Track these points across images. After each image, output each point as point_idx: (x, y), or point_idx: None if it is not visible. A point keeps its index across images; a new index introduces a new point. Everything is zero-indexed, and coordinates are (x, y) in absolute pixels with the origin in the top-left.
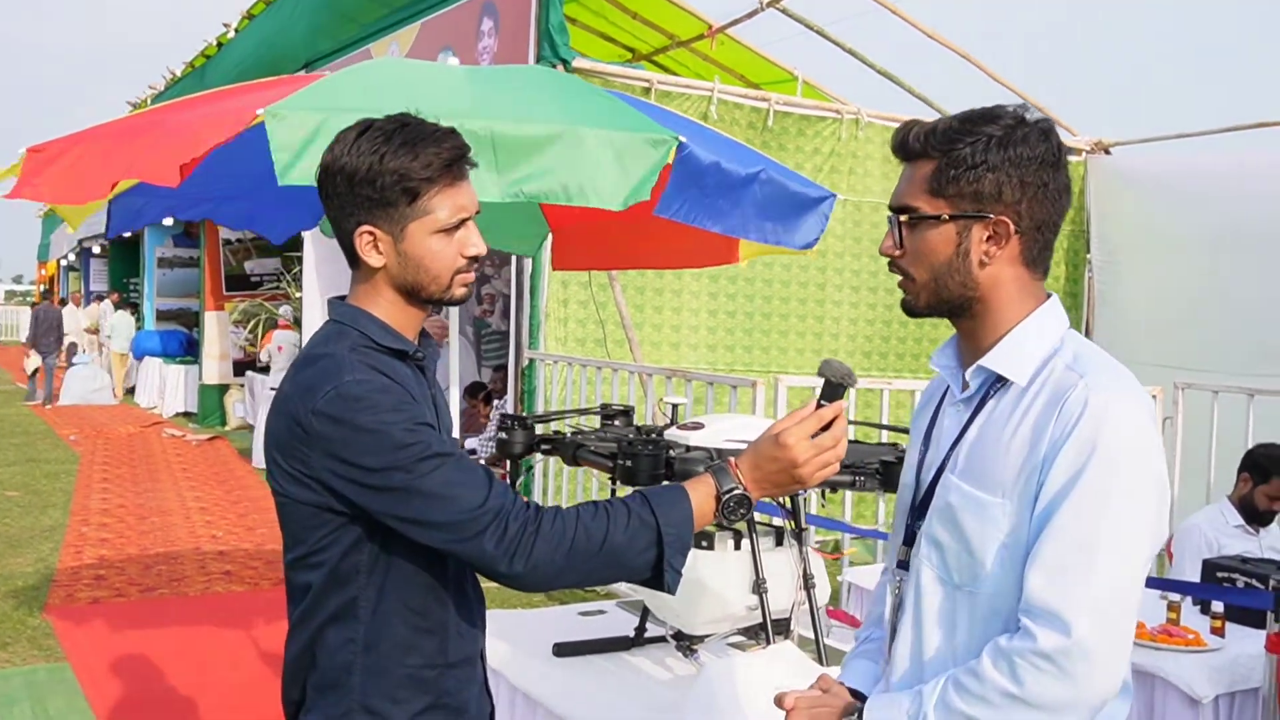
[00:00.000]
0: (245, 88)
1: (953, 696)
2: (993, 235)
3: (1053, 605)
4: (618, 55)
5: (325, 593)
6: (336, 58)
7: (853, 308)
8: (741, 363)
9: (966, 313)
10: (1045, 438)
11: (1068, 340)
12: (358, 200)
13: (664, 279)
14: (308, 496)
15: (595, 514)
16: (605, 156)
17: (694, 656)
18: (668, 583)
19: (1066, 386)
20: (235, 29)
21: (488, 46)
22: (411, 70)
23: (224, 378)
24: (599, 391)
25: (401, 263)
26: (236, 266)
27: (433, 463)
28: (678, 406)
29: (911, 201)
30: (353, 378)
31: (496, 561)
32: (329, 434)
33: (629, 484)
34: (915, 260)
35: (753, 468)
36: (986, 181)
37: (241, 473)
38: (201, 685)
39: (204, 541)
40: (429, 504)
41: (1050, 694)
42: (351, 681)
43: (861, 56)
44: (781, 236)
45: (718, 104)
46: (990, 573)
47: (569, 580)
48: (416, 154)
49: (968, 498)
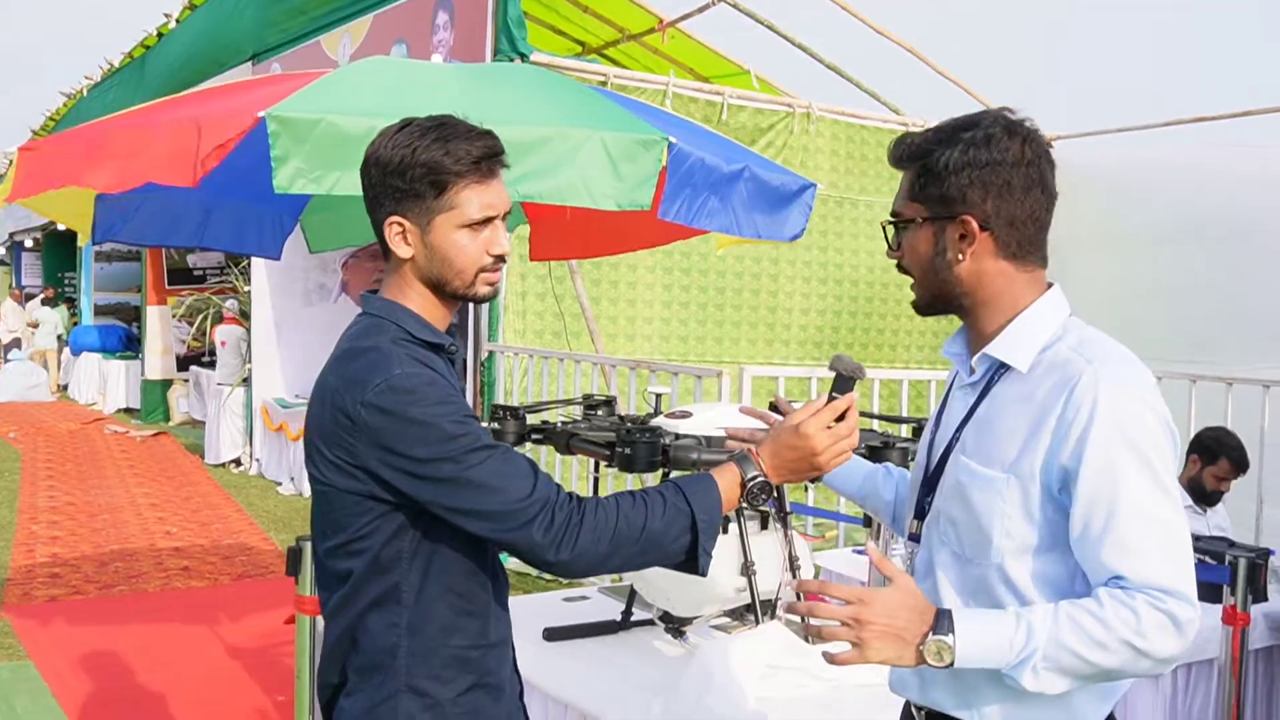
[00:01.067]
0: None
1: (1069, 637)
2: (963, 234)
3: (1159, 580)
4: (567, 49)
5: (367, 579)
6: (285, 50)
7: (804, 298)
8: (695, 352)
9: (961, 307)
10: (1052, 417)
11: (1070, 328)
12: (388, 190)
13: (619, 270)
14: (352, 485)
15: (634, 503)
16: (599, 157)
17: (683, 638)
18: (701, 566)
19: (1074, 372)
20: (177, 19)
21: (443, 40)
22: (405, 70)
23: (167, 373)
24: (560, 384)
25: (428, 255)
26: (179, 260)
27: (481, 454)
28: (661, 396)
29: (899, 208)
30: (401, 370)
31: (544, 550)
32: (379, 425)
33: (627, 471)
34: (909, 261)
35: (773, 455)
36: (951, 186)
37: (189, 468)
38: (169, 680)
39: (158, 538)
40: (478, 494)
41: (1168, 650)
42: (397, 664)
43: (811, 51)
44: (770, 230)
45: (672, 98)
46: (996, 545)
47: (610, 567)
48: (448, 148)
49: (975, 475)
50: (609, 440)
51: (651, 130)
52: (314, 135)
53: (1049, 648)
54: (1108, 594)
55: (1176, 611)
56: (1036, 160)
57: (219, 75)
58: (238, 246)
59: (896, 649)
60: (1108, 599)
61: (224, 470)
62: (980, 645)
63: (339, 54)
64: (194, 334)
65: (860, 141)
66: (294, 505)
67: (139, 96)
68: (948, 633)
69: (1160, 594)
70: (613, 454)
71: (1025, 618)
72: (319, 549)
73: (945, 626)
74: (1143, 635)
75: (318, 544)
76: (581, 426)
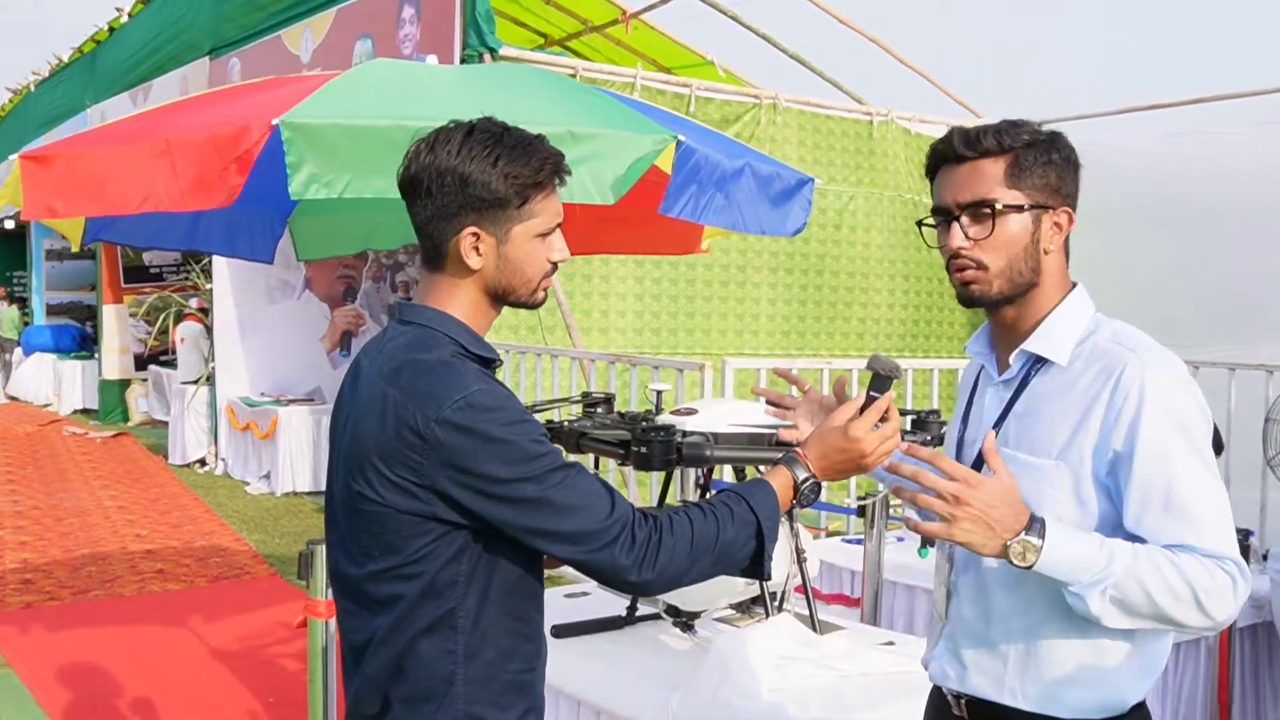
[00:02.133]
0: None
1: (1146, 574)
2: (1056, 224)
3: (1224, 551)
4: (529, 40)
5: (419, 604)
6: (244, 45)
7: (772, 289)
8: (668, 345)
9: (1022, 298)
10: (1100, 404)
11: (1101, 322)
12: (468, 201)
13: (592, 264)
14: (413, 506)
15: (705, 516)
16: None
17: (691, 632)
18: (766, 570)
19: (1118, 361)
20: (129, 13)
21: (409, 34)
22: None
23: (125, 372)
24: (538, 379)
25: (500, 265)
26: (135, 258)
27: (561, 474)
28: (662, 393)
29: (990, 194)
30: (480, 387)
31: (628, 571)
32: (455, 444)
33: (642, 469)
34: (993, 249)
35: (820, 457)
36: (1053, 175)
37: (154, 469)
38: (156, 684)
39: (129, 541)
40: (560, 515)
41: (1224, 614)
42: (454, 692)
43: (774, 41)
44: (774, 225)
45: (640, 90)
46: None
47: (687, 581)
48: (529, 158)
49: (1023, 465)
50: (621, 439)
51: (660, 129)
52: (327, 140)
53: (1123, 578)
54: (1181, 550)
55: (1239, 581)
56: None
57: (175, 70)
58: (229, 250)
59: (983, 536)
60: (1183, 555)
61: (189, 470)
62: (1064, 556)
63: (301, 49)
64: (155, 333)
65: (826, 131)
66: (264, 505)
67: (89, 93)
68: (1038, 536)
69: (1227, 561)
70: (627, 452)
71: (1108, 545)
72: (351, 572)
73: (1037, 530)
74: (1209, 594)
75: (353, 566)
76: (587, 425)
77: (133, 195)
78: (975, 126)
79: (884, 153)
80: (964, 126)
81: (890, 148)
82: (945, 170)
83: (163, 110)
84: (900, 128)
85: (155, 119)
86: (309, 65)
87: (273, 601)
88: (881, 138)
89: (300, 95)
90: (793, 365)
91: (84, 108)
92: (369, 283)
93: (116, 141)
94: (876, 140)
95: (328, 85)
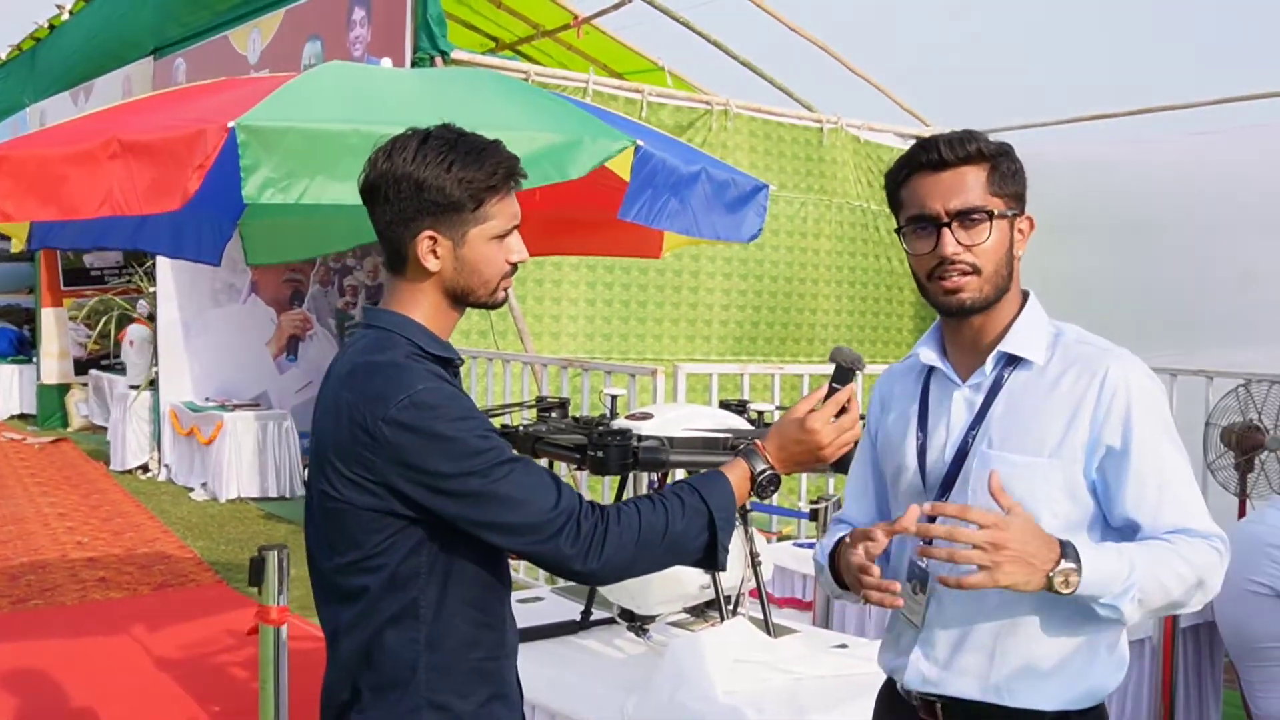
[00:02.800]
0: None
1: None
2: (1021, 230)
3: (1213, 530)
4: (480, 44)
5: (383, 596)
6: (189, 45)
7: (725, 294)
8: (619, 350)
9: (996, 303)
10: (1088, 404)
11: (1060, 325)
12: (424, 206)
13: (544, 268)
14: (370, 502)
15: (654, 507)
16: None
17: (646, 636)
18: (720, 561)
19: (1098, 363)
20: (70, 10)
21: (360, 36)
22: (368, 76)
23: (65, 377)
24: (489, 384)
25: (458, 267)
26: (75, 260)
27: (506, 467)
28: (616, 398)
29: (981, 202)
30: (424, 386)
31: (573, 560)
32: (402, 441)
33: (600, 474)
34: (985, 255)
35: (779, 449)
36: (1020, 183)
37: (95, 475)
38: (99, 695)
39: (70, 549)
40: (505, 508)
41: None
42: (417, 679)
43: (725, 47)
44: (729, 231)
45: (593, 95)
46: (1046, 525)
47: (635, 571)
48: (482, 162)
49: (1015, 465)
50: (577, 443)
51: (618, 134)
52: (283, 144)
53: (1146, 580)
54: (1175, 536)
55: (1224, 552)
56: None
57: (118, 70)
58: (176, 251)
59: (1026, 574)
60: (1178, 540)
61: (131, 477)
62: (1099, 575)
63: (248, 50)
64: (95, 336)
65: (777, 138)
66: (208, 511)
67: (28, 91)
68: (1075, 561)
69: (1216, 539)
70: (583, 457)
71: (1126, 552)
72: (323, 565)
73: (1072, 555)
74: (1206, 570)
75: (322, 561)
76: (542, 430)
77: (89, 199)
78: (948, 134)
79: (833, 160)
80: (936, 135)
81: (840, 155)
82: (924, 177)
83: (114, 111)
84: (849, 135)
85: (107, 120)
86: (257, 66)
87: (218, 609)
88: (831, 145)
89: (256, 98)
90: (744, 370)
91: (23, 106)
92: (316, 286)
93: (69, 143)
94: (826, 147)
95: (284, 88)
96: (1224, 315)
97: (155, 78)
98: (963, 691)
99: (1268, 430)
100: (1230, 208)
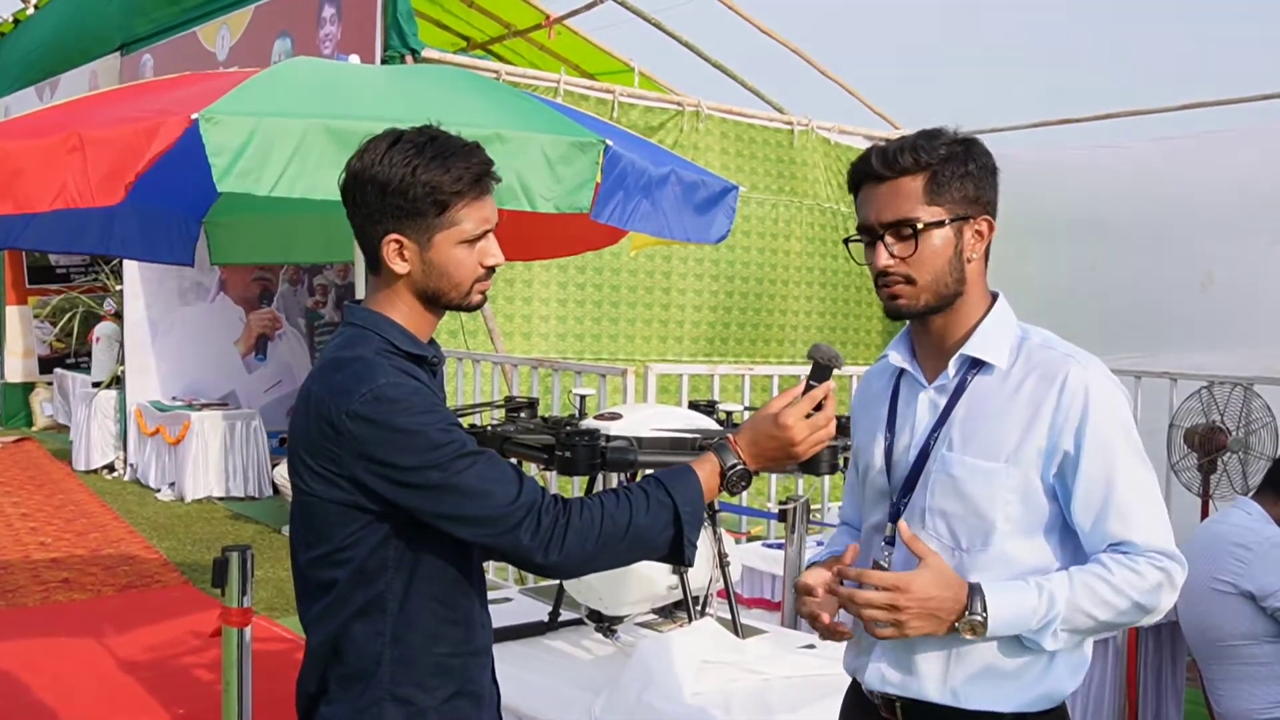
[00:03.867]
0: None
1: (1085, 602)
2: (977, 232)
3: (1158, 544)
4: (452, 43)
5: (351, 588)
6: (157, 40)
7: (696, 295)
8: (591, 350)
9: (949, 307)
10: (1047, 408)
11: (1027, 328)
12: (388, 209)
13: (515, 269)
14: (337, 495)
15: (618, 501)
16: (537, 160)
17: (614, 637)
18: (687, 556)
19: (1059, 367)
20: (36, 5)
21: (330, 34)
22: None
23: (29, 375)
24: (459, 384)
25: (426, 270)
26: (40, 258)
27: (467, 460)
28: (585, 398)
29: (912, 213)
30: (387, 380)
31: (532, 553)
32: (364, 435)
33: (567, 474)
34: (918, 265)
35: (751, 444)
36: (970, 186)
37: (59, 476)
38: (62, 698)
39: (33, 550)
40: (465, 500)
41: (1165, 604)
42: (380, 672)
43: (696, 49)
44: (698, 232)
45: (563, 95)
46: (1000, 530)
47: (598, 565)
48: (448, 167)
49: (973, 469)
50: (545, 444)
51: (587, 134)
52: (251, 136)
53: (1068, 612)
54: (1112, 559)
55: (1173, 571)
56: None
57: (84, 65)
58: (148, 254)
59: (932, 625)
60: (1114, 564)
61: (96, 477)
62: (1009, 616)
63: (217, 47)
64: (58, 334)
65: (748, 140)
66: (174, 511)
67: None
68: (981, 611)
69: (1160, 555)
70: (551, 457)
71: (1046, 588)
72: (299, 559)
73: (979, 606)
74: (1146, 593)
75: (298, 554)
76: (511, 430)
77: (44, 192)
78: (893, 142)
79: (804, 162)
80: (882, 144)
81: (810, 157)
82: (867, 188)
83: (76, 104)
84: (820, 137)
85: (68, 112)
86: (226, 63)
87: (184, 611)
88: (802, 147)
89: (220, 91)
90: (714, 371)
91: None
92: (286, 285)
93: (27, 136)
94: (797, 149)
95: (249, 81)
96: (1187, 318)
97: (123, 74)
98: (921, 693)
99: (1230, 432)
100: (1193, 212)
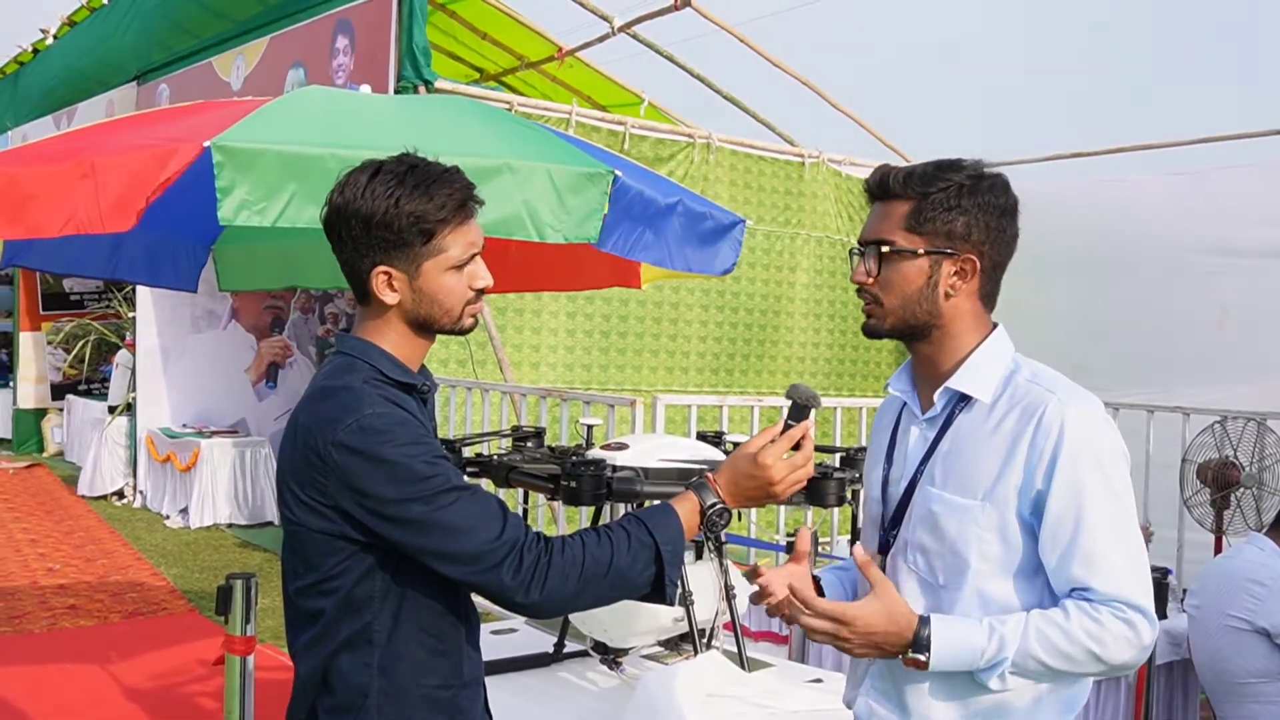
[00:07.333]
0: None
1: (1037, 648)
2: (960, 270)
3: (1123, 594)
4: (465, 75)
5: (339, 619)
6: (172, 70)
7: (703, 325)
8: (598, 381)
9: (926, 337)
10: (1024, 445)
11: (1021, 362)
12: (374, 242)
13: (524, 299)
14: (323, 525)
15: (599, 540)
16: (546, 190)
17: (619, 669)
18: (668, 595)
19: (1039, 402)
20: (54, 35)
21: (343, 65)
22: (345, 101)
23: (41, 401)
24: (468, 413)
25: (416, 299)
26: (55, 284)
27: (450, 495)
28: (592, 428)
29: (889, 235)
30: (373, 410)
31: (514, 592)
32: (349, 465)
33: (573, 504)
34: (887, 288)
35: (730, 483)
36: (959, 223)
37: (69, 502)
38: None
39: (40, 575)
40: (447, 536)
41: (1125, 659)
42: (369, 704)
43: (708, 81)
44: (703, 264)
45: (575, 126)
46: (974, 569)
47: (579, 605)
48: (431, 195)
49: (949, 505)
50: (551, 473)
51: (596, 164)
52: (259, 166)
53: (1018, 657)
54: (1074, 605)
55: (1139, 625)
56: (1017, 213)
57: (101, 94)
58: (153, 279)
59: (878, 653)
60: (1074, 611)
61: (106, 503)
62: (954, 654)
63: (232, 76)
64: (70, 361)
65: (758, 172)
66: (183, 539)
67: (10, 115)
68: (924, 650)
69: (1124, 606)
70: (556, 487)
71: (998, 631)
72: (288, 588)
73: (923, 643)
74: (1104, 645)
75: (288, 583)
76: (517, 459)
77: (54, 218)
78: (903, 166)
79: (814, 194)
80: (888, 165)
81: (820, 189)
82: (873, 204)
83: (88, 130)
84: (831, 169)
85: (81, 139)
86: (240, 93)
87: (190, 638)
88: (812, 179)
89: (232, 119)
90: (723, 402)
91: (5, 130)
92: (297, 314)
93: (39, 162)
94: (807, 181)
95: (261, 110)
96: (1201, 352)
97: (139, 103)
98: None
99: (1243, 467)
100: (1208, 246)
